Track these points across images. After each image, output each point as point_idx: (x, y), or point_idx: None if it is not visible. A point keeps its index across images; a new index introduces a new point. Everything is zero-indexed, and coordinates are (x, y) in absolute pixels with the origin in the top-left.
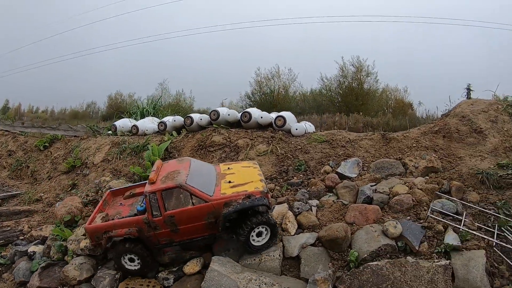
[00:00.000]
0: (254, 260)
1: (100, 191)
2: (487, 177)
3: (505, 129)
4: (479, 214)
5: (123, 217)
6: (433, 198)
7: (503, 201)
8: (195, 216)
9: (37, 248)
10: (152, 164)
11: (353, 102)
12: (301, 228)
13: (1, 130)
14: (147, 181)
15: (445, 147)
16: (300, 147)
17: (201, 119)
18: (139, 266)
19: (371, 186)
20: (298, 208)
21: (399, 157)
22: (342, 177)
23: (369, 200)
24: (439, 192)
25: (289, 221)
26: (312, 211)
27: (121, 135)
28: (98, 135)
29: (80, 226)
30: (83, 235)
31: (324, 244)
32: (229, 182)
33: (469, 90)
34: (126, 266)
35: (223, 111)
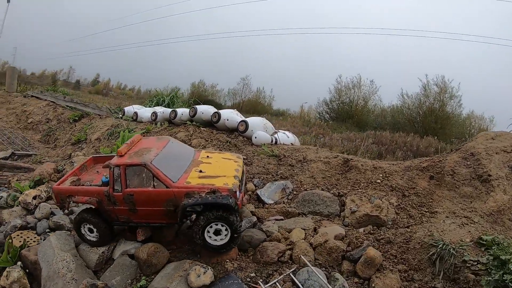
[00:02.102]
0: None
1: (72, 164)
2: (440, 258)
3: None
4: None
5: (91, 185)
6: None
7: None
8: (153, 200)
9: (4, 194)
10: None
11: (431, 125)
12: None
13: (49, 100)
14: None
15: (424, 193)
16: (245, 157)
17: (182, 114)
18: (97, 238)
19: (269, 220)
20: None
21: (340, 192)
22: (260, 200)
23: None
24: (345, 254)
25: None
26: None
27: (124, 119)
28: (112, 116)
29: (38, 187)
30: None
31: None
32: (200, 171)
33: None
34: (85, 236)
35: (200, 109)
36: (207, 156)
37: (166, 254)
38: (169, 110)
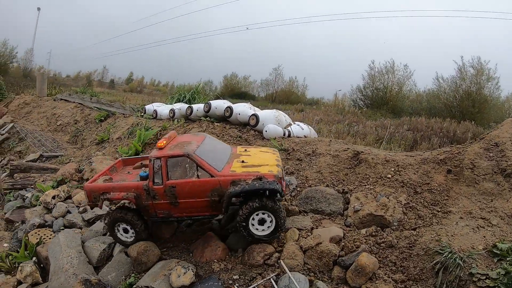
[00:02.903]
0: None
1: (90, 163)
2: (444, 269)
3: None
4: None
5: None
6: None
7: None
8: (198, 191)
9: (29, 194)
10: (137, 149)
11: (469, 109)
12: None
13: (77, 102)
14: None
15: (440, 189)
16: None
17: (197, 110)
18: (133, 239)
19: None
20: None
21: (346, 189)
22: None
23: None
24: (337, 259)
25: None
26: None
27: (145, 117)
28: (134, 115)
29: (60, 187)
30: (52, 194)
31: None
32: (242, 162)
33: None
34: (120, 237)
35: (214, 104)
36: (245, 150)
37: (157, 253)
38: (186, 106)
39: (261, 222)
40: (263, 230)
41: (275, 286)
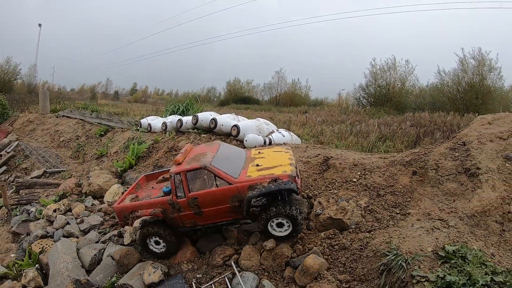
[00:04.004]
0: None
1: (88, 178)
2: (388, 270)
3: None
4: None
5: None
6: None
7: None
8: (218, 199)
9: (34, 208)
10: (130, 163)
11: (473, 101)
12: None
13: (78, 118)
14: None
15: (404, 191)
16: None
17: (186, 122)
18: (164, 249)
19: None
20: None
21: (311, 194)
22: None
23: None
24: (289, 260)
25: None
26: None
27: (141, 131)
28: (131, 129)
29: (61, 200)
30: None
31: None
32: (257, 165)
33: None
34: (152, 249)
35: (201, 117)
36: (259, 152)
37: (137, 256)
38: (176, 119)
39: (280, 225)
40: (281, 232)
41: (228, 284)
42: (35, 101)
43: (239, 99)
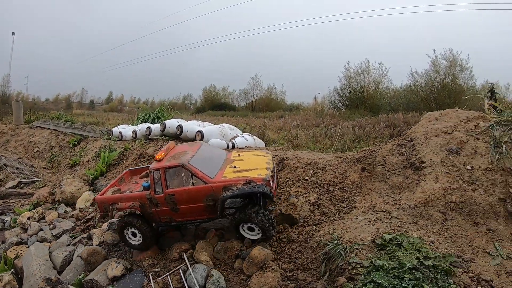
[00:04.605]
0: None
1: (61, 186)
2: (328, 260)
3: (467, 167)
4: None
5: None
6: None
7: None
8: (194, 197)
9: (9, 218)
10: (101, 170)
11: (445, 100)
12: None
13: (52, 129)
14: None
15: (353, 186)
16: None
17: (155, 130)
18: (140, 242)
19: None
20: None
21: None
22: None
23: None
24: (239, 253)
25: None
26: None
27: (112, 140)
28: (103, 138)
29: (35, 209)
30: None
31: None
32: (234, 167)
33: (492, 92)
34: (129, 241)
35: (168, 124)
36: (238, 155)
37: (103, 254)
38: (146, 127)
39: (251, 229)
40: (253, 235)
41: (182, 275)
42: (9, 112)
43: (215, 105)
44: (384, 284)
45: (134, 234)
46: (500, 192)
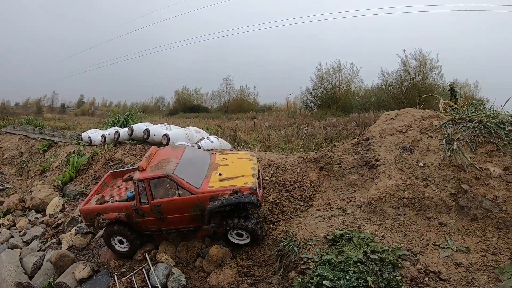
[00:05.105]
0: None
1: (30, 193)
2: (282, 256)
3: (420, 164)
4: None
5: (116, 201)
6: None
7: None
8: (181, 207)
9: None
10: (71, 176)
11: (415, 99)
12: None
13: (21, 134)
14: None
15: (311, 185)
16: None
17: (123, 134)
18: (127, 249)
19: None
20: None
21: None
22: None
23: None
24: (199, 251)
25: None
26: None
27: (82, 145)
28: (72, 143)
29: (5, 216)
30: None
31: None
32: (220, 174)
33: (452, 91)
34: (116, 247)
35: (135, 128)
36: (223, 158)
37: (71, 258)
38: (114, 131)
39: (239, 234)
40: (241, 240)
41: (145, 274)
42: None
43: (188, 108)
44: (330, 277)
45: (121, 242)
46: (452, 187)
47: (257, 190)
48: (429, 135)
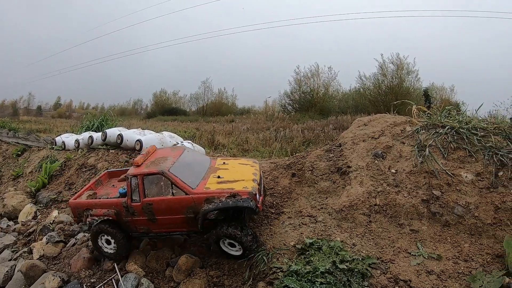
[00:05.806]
0: None
1: (2, 199)
2: (251, 265)
3: (392, 170)
4: None
5: (108, 198)
6: None
7: None
8: (173, 208)
9: None
10: (43, 182)
11: (392, 102)
12: None
13: None
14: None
15: (283, 192)
16: None
17: (97, 139)
18: (114, 250)
19: None
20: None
21: None
22: None
23: None
24: (169, 261)
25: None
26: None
27: (56, 149)
28: (46, 147)
29: None
30: None
31: None
32: (218, 177)
33: (427, 96)
34: (103, 248)
35: (109, 133)
36: (224, 163)
37: (42, 268)
38: (88, 136)
39: (232, 244)
40: (233, 251)
41: (115, 284)
42: None
43: (166, 110)
44: None
45: (108, 242)
46: (424, 194)
47: (257, 195)
48: (402, 141)
